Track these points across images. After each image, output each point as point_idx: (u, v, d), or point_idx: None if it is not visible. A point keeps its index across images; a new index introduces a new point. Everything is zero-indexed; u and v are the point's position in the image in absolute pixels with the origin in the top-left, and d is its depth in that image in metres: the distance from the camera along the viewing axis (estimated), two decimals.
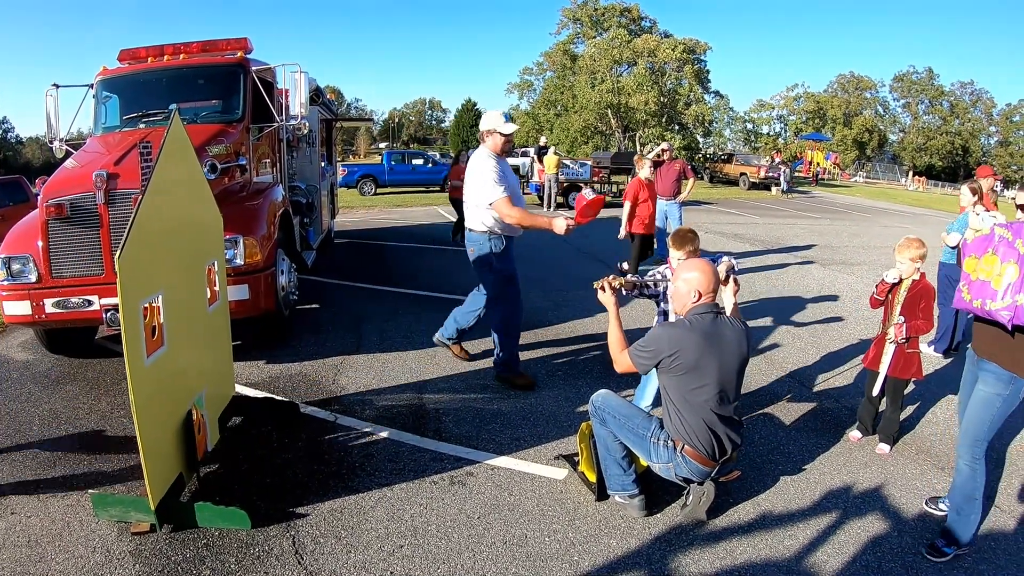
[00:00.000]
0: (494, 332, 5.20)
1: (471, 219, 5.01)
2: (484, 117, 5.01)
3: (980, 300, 2.88)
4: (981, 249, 2.94)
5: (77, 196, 4.80)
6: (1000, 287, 2.79)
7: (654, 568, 3.03)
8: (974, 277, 2.95)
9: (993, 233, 2.90)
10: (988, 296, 2.84)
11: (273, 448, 4.09)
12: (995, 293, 2.81)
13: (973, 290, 2.94)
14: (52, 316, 4.92)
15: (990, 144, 61.02)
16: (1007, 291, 2.76)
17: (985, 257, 2.90)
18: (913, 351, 4.19)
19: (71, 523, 3.29)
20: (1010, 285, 2.75)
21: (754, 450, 4.15)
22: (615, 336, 3.45)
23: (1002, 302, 2.78)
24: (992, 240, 2.90)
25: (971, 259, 2.98)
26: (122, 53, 6.93)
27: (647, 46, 37.72)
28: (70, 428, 4.42)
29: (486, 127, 4.94)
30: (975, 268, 2.95)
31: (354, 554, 3.08)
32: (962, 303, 3.03)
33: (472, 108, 68.10)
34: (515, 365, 5.24)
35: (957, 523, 3.18)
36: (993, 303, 2.81)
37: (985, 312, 2.87)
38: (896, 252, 4.20)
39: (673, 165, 10.48)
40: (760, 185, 30.37)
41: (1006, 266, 2.78)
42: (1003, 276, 2.78)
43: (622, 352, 3.36)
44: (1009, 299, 2.75)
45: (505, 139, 4.90)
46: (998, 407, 2.99)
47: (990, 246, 2.89)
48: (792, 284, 9.34)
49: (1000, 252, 2.83)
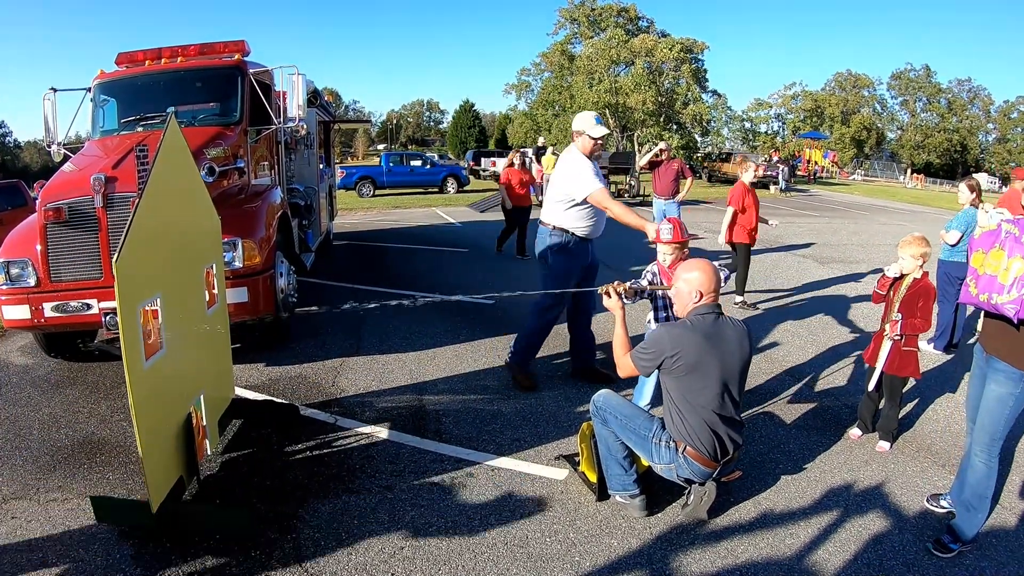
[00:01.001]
0: (521, 338, 5.22)
1: (550, 215, 4.95)
2: (577, 118, 4.89)
3: (987, 294, 2.89)
4: (988, 244, 2.94)
5: (75, 200, 4.80)
6: (1007, 281, 2.80)
7: (655, 568, 3.03)
8: (981, 272, 2.95)
9: (1000, 228, 2.91)
10: (995, 290, 2.85)
11: (273, 450, 4.09)
12: (1002, 287, 2.82)
13: (980, 284, 2.95)
14: (51, 320, 4.92)
15: (988, 141, 61.04)
16: (1013, 285, 2.77)
17: (992, 252, 2.90)
18: (910, 349, 4.17)
19: (71, 527, 3.29)
20: (1016, 279, 2.76)
21: (755, 448, 4.15)
22: (620, 338, 3.45)
23: (1008, 296, 2.79)
24: (999, 235, 2.90)
25: (978, 254, 2.99)
26: (119, 56, 6.93)
27: (644, 46, 37.68)
28: (70, 432, 4.41)
29: (577, 127, 4.83)
30: (982, 263, 2.95)
31: (355, 556, 3.08)
32: (969, 297, 3.04)
33: (470, 109, 68.11)
34: (526, 364, 5.27)
35: (965, 520, 3.18)
36: (1000, 297, 2.82)
37: (992, 306, 2.88)
38: (900, 248, 4.19)
39: (671, 165, 10.51)
40: (758, 184, 30.30)
41: (1012, 260, 2.79)
42: (1010, 270, 2.79)
43: (625, 355, 3.36)
44: (1015, 293, 2.76)
45: (595, 142, 4.78)
46: (1011, 405, 3.00)
47: (997, 241, 2.90)
48: (791, 282, 9.35)
49: (1007, 247, 2.84)
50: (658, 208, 10.64)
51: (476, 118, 69.04)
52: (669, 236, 4.02)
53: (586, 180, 4.70)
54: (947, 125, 58.44)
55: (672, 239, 4.01)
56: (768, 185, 29.85)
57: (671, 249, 4.04)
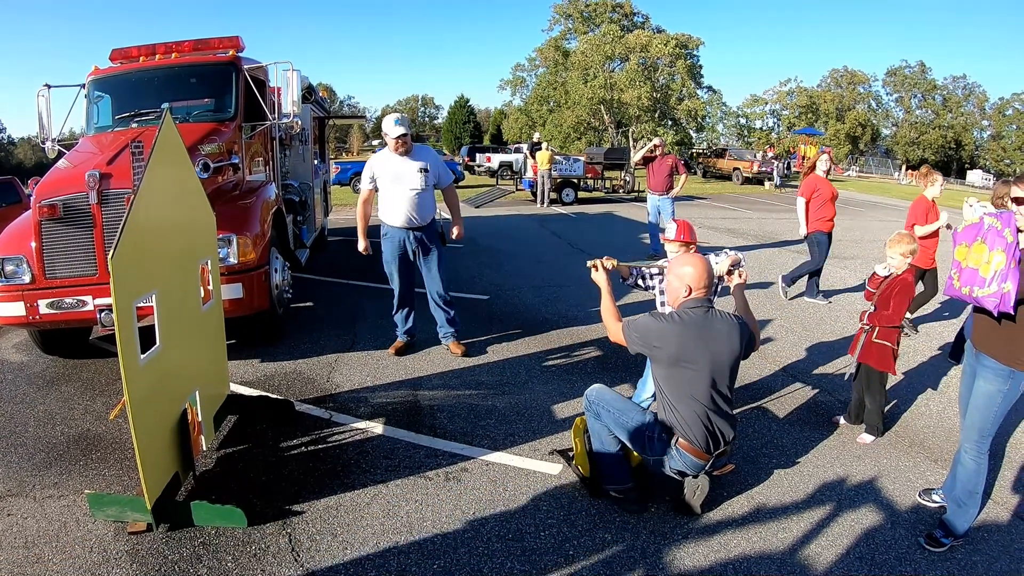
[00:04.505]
0: None
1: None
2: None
3: (968, 287, 2.93)
4: (971, 237, 2.97)
5: (70, 196, 4.79)
6: (988, 275, 2.83)
7: (649, 562, 3.05)
8: (964, 265, 2.98)
9: (983, 221, 2.94)
10: (976, 283, 2.88)
11: (268, 446, 4.09)
12: (983, 280, 2.85)
13: (963, 278, 2.98)
14: (46, 317, 4.91)
15: (983, 138, 61.10)
16: (993, 279, 2.80)
17: (975, 245, 2.93)
18: (881, 342, 4.20)
19: (68, 523, 3.29)
20: (997, 272, 2.80)
21: (748, 443, 4.18)
22: (608, 307, 3.55)
23: (988, 289, 2.82)
24: (981, 228, 2.93)
25: (962, 247, 3.02)
26: (114, 52, 6.91)
27: (639, 41, 37.68)
28: (65, 429, 4.41)
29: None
30: (965, 256, 2.99)
31: (350, 551, 3.09)
32: (952, 290, 3.07)
33: (465, 104, 67.90)
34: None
35: (957, 515, 3.21)
36: (980, 290, 2.86)
37: (973, 299, 2.92)
38: (887, 247, 4.23)
39: (665, 160, 10.50)
40: (753, 180, 30.45)
41: (994, 254, 2.82)
42: (991, 264, 2.83)
43: (616, 322, 3.44)
44: (995, 287, 2.79)
45: (394, 141, 5.34)
46: (999, 402, 3.03)
47: (979, 234, 2.93)
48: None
49: (988, 240, 2.87)
50: (652, 204, 10.64)
51: (471, 113, 68.83)
52: (672, 235, 4.15)
53: (362, 179, 5.60)
54: (942, 122, 58.54)
55: (675, 237, 4.13)
56: (763, 181, 29.91)
57: (676, 247, 4.13)
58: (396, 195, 5.41)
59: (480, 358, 5.69)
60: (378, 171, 5.46)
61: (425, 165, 5.41)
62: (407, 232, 5.51)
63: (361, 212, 5.72)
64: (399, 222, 5.47)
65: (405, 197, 5.38)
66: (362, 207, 5.70)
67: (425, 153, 5.56)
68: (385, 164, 5.43)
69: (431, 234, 5.62)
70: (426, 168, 5.41)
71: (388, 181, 5.41)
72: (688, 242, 4.11)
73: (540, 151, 18.87)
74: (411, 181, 5.37)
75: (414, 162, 5.39)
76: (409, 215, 5.42)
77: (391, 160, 5.41)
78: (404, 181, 5.38)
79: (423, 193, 5.44)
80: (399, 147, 5.31)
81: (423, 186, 5.41)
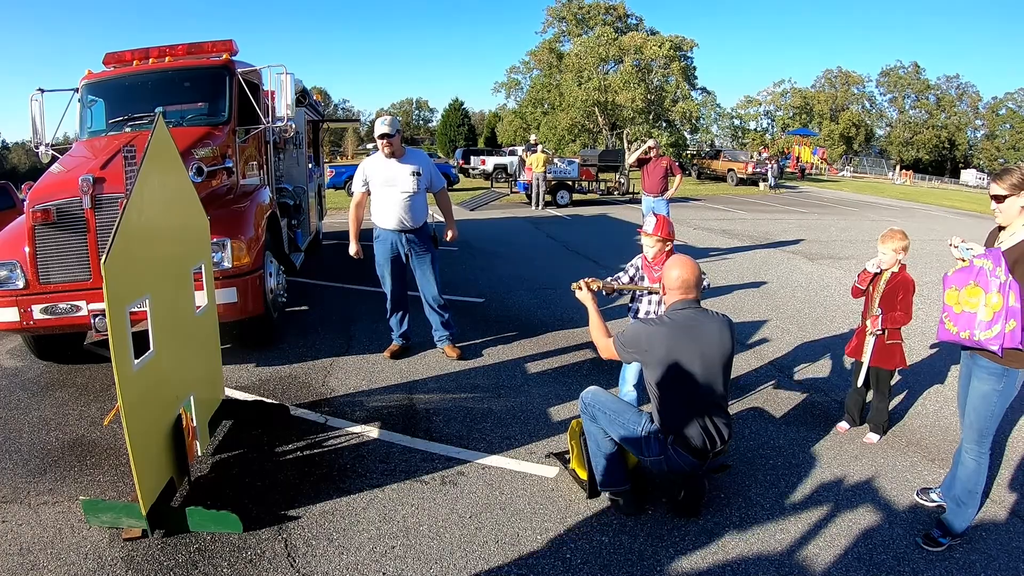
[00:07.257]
0: None
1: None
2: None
3: (968, 331, 2.96)
4: (962, 281, 3.00)
5: (63, 201, 4.77)
6: (989, 317, 2.88)
7: (646, 564, 3.04)
8: (958, 310, 3.02)
9: (972, 265, 2.96)
10: (976, 327, 2.93)
11: (264, 451, 4.08)
12: (984, 324, 2.90)
13: (959, 323, 3.00)
14: (40, 322, 4.89)
15: (976, 137, 61.42)
16: (995, 320, 2.86)
17: (967, 289, 2.97)
18: (894, 342, 4.22)
19: (62, 530, 3.27)
20: (995, 315, 2.85)
21: (744, 444, 4.18)
22: (596, 326, 3.58)
23: (991, 331, 2.87)
24: (972, 271, 2.96)
25: (952, 291, 3.04)
26: (107, 56, 6.89)
27: (633, 43, 37.75)
28: (60, 435, 4.39)
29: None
30: (957, 300, 3.02)
31: (346, 555, 3.08)
32: (947, 335, 3.09)
33: (459, 107, 67.97)
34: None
35: (955, 514, 3.22)
36: (982, 333, 2.91)
37: (974, 342, 2.96)
38: (879, 243, 4.23)
39: (660, 162, 10.51)
40: (748, 181, 30.52)
41: (990, 296, 2.88)
42: (988, 306, 2.88)
43: (606, 338, 3.47)
44: (1000, 327, 2.85)
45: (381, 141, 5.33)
46: (995, 401, 3.05)
47: (971, 278, 2.96)
48: (780, 278, 9.38)
49: (982, 283, 2.91)
50: (647, 205, 10.64)
51: (465, 116, 68.87)
52: (650, 228, 4.15)
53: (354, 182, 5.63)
54: (935, 122, 58.81)
55: (652, 231, 4.13)
56: (757, 182, 29.98)
57: (653, 242, 4.14)
58: (388, 198, 5.42)
59: (475, 361, 5.69)
60: (370, 174, 5.47)
61: (417, 169, 5.43)
62: (399, 235, 5.52)
63: (353, 215, 5.72)
64: (391, 225, 5.48)
65: (397, 200, 5.40)
66: (354, 211, 5.70)
67: (417, 157, 5.60)
68: (377, 167, 5.45)
69: (423, 237, 5.62)
70: (418, 172, 5.44)
71: (380, 184, 5.44)
72: (665, 238, 4.13)
73: (535, 153, 18.89)
74: (403, 184, 5.39)
75: (406, 166, 5.41)
76: (401, 218, 5.44)
77: (383, 163, 5.42)
78: (396, 184, 5.40)
79: (415, 196, 5.46)
80: (384, 148, 5.34)
81: (415, 189, 5.42)
